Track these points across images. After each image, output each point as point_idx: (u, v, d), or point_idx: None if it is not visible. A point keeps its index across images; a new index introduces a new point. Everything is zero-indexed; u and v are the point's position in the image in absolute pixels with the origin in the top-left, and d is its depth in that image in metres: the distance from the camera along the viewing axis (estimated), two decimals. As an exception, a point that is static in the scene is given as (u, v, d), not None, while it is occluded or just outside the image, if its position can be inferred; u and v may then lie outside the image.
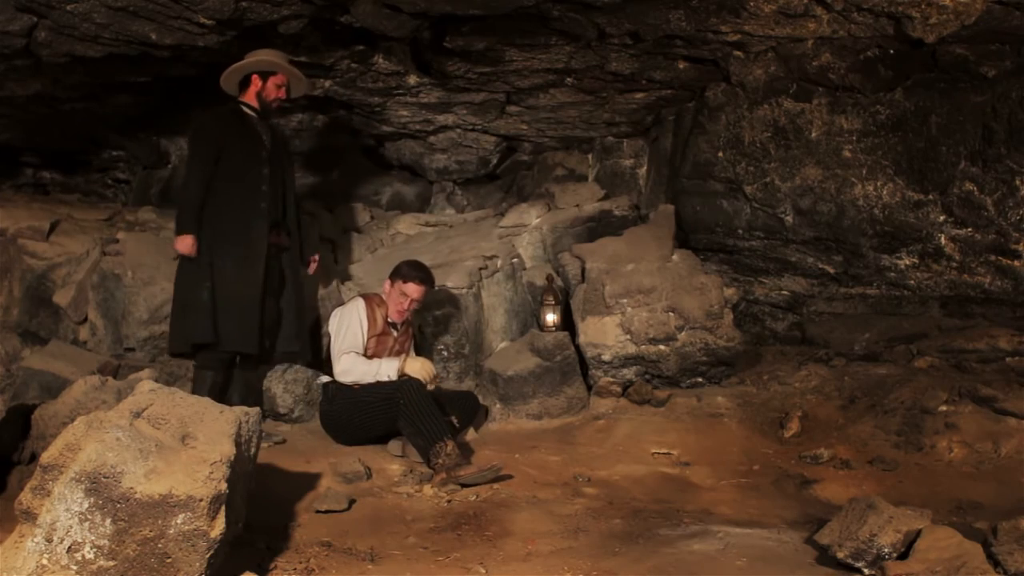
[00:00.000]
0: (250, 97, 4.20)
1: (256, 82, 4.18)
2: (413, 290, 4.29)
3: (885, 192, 4.82)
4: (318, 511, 3.23)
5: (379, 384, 4.09)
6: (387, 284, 4.37)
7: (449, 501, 3.49)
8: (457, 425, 4.09)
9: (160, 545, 2.25)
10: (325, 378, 4.30)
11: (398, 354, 4.36)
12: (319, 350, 4.57)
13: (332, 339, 4.32)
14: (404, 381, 4.01)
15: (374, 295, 4.43)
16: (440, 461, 3.68)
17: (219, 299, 3.97)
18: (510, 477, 3.71)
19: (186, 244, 3.95)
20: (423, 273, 4.34)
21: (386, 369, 4.15)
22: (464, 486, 3.59)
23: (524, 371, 4.63)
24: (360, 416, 4.05)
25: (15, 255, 4.83)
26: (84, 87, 4.70)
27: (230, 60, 4.20)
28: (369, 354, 4.27)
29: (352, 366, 4.17)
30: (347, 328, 4.25)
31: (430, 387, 4.09)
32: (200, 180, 4.01)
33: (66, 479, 2.25)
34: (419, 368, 4.16)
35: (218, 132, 4.08)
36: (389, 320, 4.34)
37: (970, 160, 4.59)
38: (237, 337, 4.00)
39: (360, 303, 4.33)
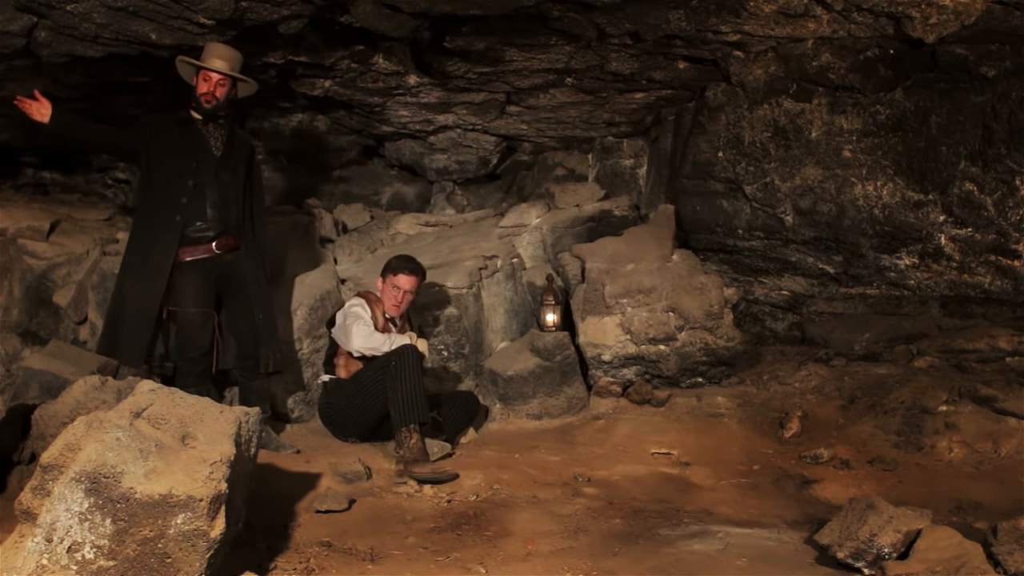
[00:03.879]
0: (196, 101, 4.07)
1: (194, 82, 4.04)
2: (404, 281, 4.26)
3: (885, 192, 4.82)
4: (318, 511, 3.23)
5: (375, 359, 4.08)
6: (379, 281, 4.36)
7: (449, 501, 3.49)
8: (440, 419, 4.11)
9: (160, 545, 2.25)
10: (326, 377, 4.30)
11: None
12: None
13: (340, 326, 4.24)
14: (403, 347, 3.99)
15: (370, 293, 4.42)
16: (402, 452, 3.77)
17: (120, 309, 3.98)
18: (456, 477, 3.73)
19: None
20: (412, 264, 4.33)
21: (399, 341, 4.08)
22: (420, 482, 3.64)
23: (524, 371, 4.63)
24: (360, 397, 4.04)
25: (15, 255, 4.83)
26: (84, 87, 4.70)
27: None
28: None
29: (370, 335, 4.10)
30: (355, 315, 4.19)
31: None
32: (100, 131, 4.10)
33: (66, 479, 2.25)
34: (424, 348, 4.16)
35: (147, 137, 4.01)
36: (387, 316, 4.33)
37: (970, 160, 4.59)
38: (121, 348, 3.97)
39: (361, 300, 4.32)
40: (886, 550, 2.71)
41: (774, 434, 4.26)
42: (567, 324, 4.88)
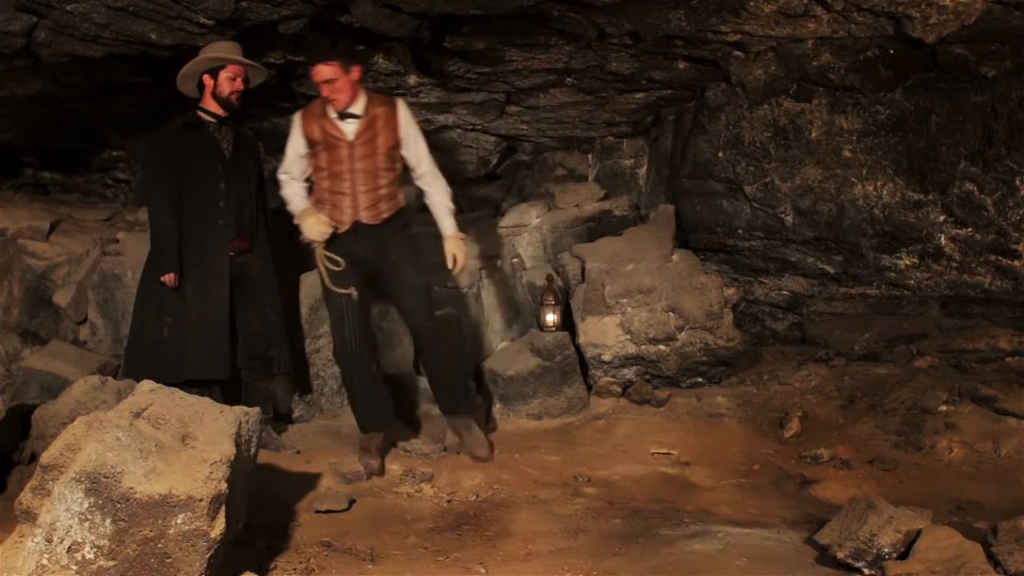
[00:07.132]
0: (207, 101, 3.99)
1: (208, 82, 3.97)
2: (314, 73, 3.70)
3: (885, 192, 4.82)
4: (318, 511, 3.23)
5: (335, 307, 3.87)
6: None
7: (449, 501, 3.49)
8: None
9: (160, 545, 2.25)
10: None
11: (364, 171, 3.84)
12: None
13: None
14: (339, 354, 3.85)
15: (316, 100, 3.88)
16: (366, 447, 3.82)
17: (184, 326, 3.88)
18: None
19: (169, 280, 3.86)
20: (319, 46, 3.69)
21: (295, 206, 3.90)
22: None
23: (524, 371, 4.63)
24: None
25: (15, 255, 4.83)
26: (84, 87, 4.70)
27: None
28: (325, 174, 3.82)
29: (287, 191, 3.92)
30: (286, 148, 3.94)
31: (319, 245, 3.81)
32: (169, 212, 3.88)
33: (66, 479, 2.25)
34: (311, 226, 3.79)
35: (171, 157, 3.94)
36: (333, 114, 3.77)
37: (970, 160, 4.59)
38: (204, 364, 3.88)
39: (295, 117, 3.89)
40: (886, 550, 2.71)
41: (774, 434, 4.27)
42: (567, 324, 4.87)
